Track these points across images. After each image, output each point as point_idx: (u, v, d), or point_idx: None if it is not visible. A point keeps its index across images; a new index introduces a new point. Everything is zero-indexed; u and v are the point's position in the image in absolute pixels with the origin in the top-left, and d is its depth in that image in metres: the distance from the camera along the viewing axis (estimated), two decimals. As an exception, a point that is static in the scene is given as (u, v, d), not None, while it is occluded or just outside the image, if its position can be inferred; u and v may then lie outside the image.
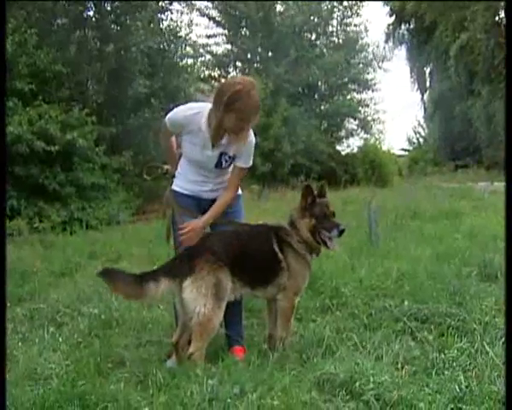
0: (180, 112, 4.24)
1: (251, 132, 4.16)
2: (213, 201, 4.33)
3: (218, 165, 4.27)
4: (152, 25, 17.60)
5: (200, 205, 4.35)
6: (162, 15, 18.61)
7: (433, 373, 3.75)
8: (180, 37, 19.07)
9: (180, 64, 19.76)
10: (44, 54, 13.73)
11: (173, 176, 4.52)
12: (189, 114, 4.16)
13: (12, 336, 4.93)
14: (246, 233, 4.40)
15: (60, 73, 14.40)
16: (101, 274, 3.98)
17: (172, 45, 18.77)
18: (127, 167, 15.42)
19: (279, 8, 28.73)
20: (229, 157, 4.24)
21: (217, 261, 4.01)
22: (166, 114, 4.29)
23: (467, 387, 3.46)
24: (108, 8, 16.91)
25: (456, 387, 3.46)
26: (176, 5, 19.42)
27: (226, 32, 28.91)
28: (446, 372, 3.72)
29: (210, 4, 27.94)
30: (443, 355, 3.98)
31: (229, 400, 3.30)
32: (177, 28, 18.92)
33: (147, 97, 17.17)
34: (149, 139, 16.84)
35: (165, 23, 18.76)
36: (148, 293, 3.92)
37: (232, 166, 4.31)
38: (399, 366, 3.89)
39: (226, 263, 4.05)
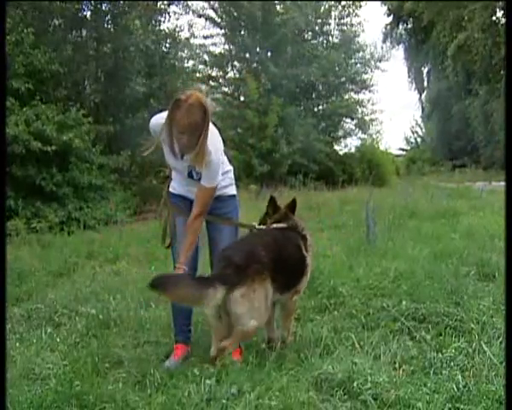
0: (154, 120, 4.24)
1: (211, 154, 4.01)
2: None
3: (190, 176, 4.22)
4: (150, 26, 17.60)
5: (192, 206, 4.32)
6: (161, 17, 18.58)
7: (431, 373, 3.75)
8: (178, 38, 19.07)
9: (178, 65, 19.74)
10: (41, 53, 13.72)
11: (168, 177, 4.54)
12: (161, 122, 4.08)
13: (9, 336, 4.93)
14: (280, 238, 4.35)
15: (57, 73, 14.40)
16: (153, 285, 3.73)
17: (169, 46, 18.75)
18: (125, 168, 15.42)
19: (279, 8, 28.58)
20: (197, 173, 4.15)
21: (264, 271, 3.92)
22: None
23: (464, 386, 3.46)
24: (105, 9, 16.89)
25: (454, 386, 3.46)
26: (173, 7, 19.40)
27: (224, 31, 28.83)
28: (444, 372, 3.72)
29: (206, 5, 27.89)
30: (440, 355, 3.98)
31: (226, 400, 3.31)
32: (176, 29, 18.92)
33: (145, 98, 17.17)
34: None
35: (164, 25, 18.78)
36: (206, 299, 3.71)
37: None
38: (397, 365, 3.90)
39: (269, 272, 3.97)
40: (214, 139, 4.09)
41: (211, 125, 4.04)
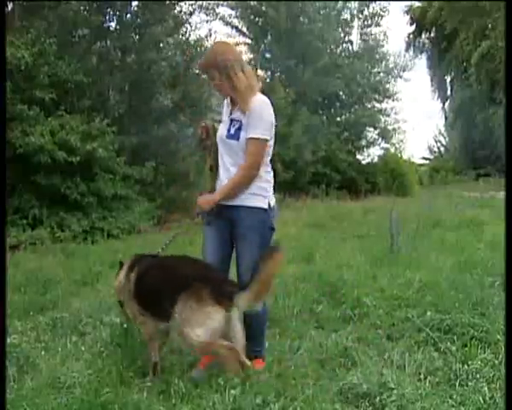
0: None
1: (256, 101, 4.07)
2: (232, 207, 4.25)
3: (228, 133, 4.20)
4: (175, 36, 17.70)
5: (222, 213, 4.29)
6: (183, 27, 18.60)
7: (457, 385, 3.73)
8: (201, 47, 19.11)
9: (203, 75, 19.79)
10: (65, 64, 13.79)
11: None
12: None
13: (35, 345, 4.95)
14: None
15: (81, 84, 14.46)
16: None
17: (193, 55, 18.79)
18: (149, 179, 15.45)
19: (303, 17, 28.55)
20: (237, 121, 4.16)
21: None
22: (190, 126, 4.40)
23: (491, 399, 3.44)
24: (130, 20, 16.98)
25: (481, 399, 3.43)
26: (201, 15, 19.42)
27: (249, 40, 28.87)
28: (470, 384, 3.69)
29: (233, 13, 27.98)
30: (466, 366, 3.95)
31: (251, 410, 3.31)
32: (200, 38, 18.95)
33: (171, 109, 17.24)
34: (173, 150, 16.99)
35: (188, 35, 18.79)
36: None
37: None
38: (422, 376, 3.88)
39: None
40: (263, 101, 4.14)
41: (263, 96, 4.17)
